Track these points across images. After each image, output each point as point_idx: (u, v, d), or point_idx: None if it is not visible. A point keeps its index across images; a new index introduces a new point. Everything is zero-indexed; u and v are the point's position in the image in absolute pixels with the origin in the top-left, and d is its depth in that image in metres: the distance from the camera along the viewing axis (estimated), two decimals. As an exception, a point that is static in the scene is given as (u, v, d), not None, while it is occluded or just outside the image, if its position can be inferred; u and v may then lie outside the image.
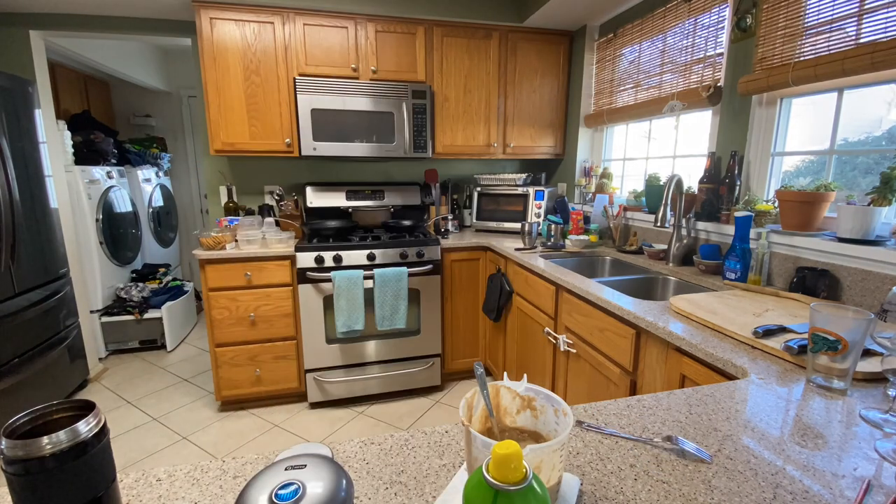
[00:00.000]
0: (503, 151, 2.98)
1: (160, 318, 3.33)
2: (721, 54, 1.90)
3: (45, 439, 0.41)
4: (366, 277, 2.47)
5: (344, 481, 0.47)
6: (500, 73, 2.86)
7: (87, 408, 0.46)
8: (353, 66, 2.61)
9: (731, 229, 1.71)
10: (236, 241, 2.46)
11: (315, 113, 2.51)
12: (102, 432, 0.46)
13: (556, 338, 1.87)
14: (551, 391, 2.05)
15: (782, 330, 1.10)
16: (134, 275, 3.64)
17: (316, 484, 0.45)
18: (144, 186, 3.90)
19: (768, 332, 1.07)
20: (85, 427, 0.44)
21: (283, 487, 0.45)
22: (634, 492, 0.57)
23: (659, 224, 1.84)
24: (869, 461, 0.64)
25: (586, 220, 2.71)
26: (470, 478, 0.39)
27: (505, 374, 0.65)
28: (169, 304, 3.38)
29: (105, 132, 3.54)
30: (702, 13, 1.99)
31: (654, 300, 1.49)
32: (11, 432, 0.43)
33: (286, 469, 0.48)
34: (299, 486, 0.45)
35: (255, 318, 2.43)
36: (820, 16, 1.49)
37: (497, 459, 0.35)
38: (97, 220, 3.18)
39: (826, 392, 0.85)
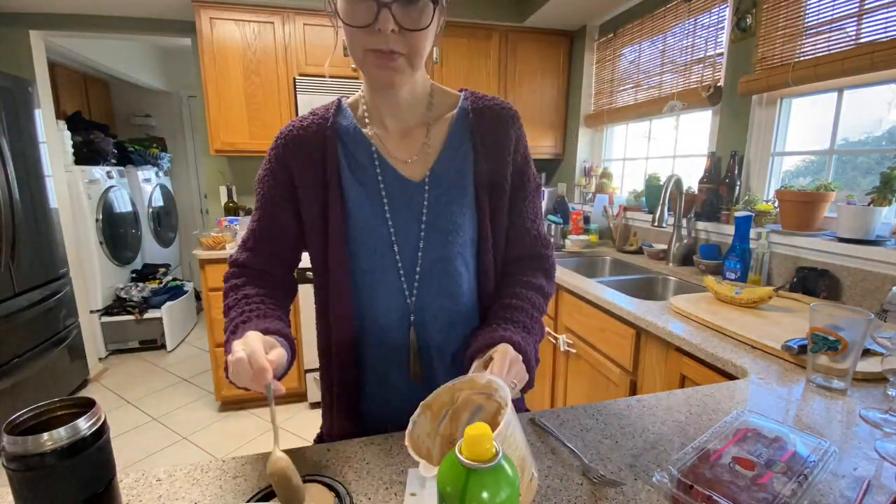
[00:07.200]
0: (503, 151, 2.97)
1: (160, 318, 3.33)
2: (721, 54, 1.89)
3: (46, 436, 0.41)
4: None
5: None
6: (500, 73, 2.86)
7: (88, 405, 0.46)
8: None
9: (731, 229, 1.71)
10: (236, 240, 2.46)
11: (315, 113, 2.51)
12: (102, 430, 0.46)
13: (555, 338, 1.87)
14: (550, 391, 2.02)
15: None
16: (134, 275, 3.64)
17: None
18: (144, 186, 3.90)
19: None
20: (85, 424, 0.44)
21: None
22: (635, 491, 0.57)
23: (656, 224, 1.84)
24: (869, 461, 0.64)
25: (586, 220, 2.71)
26: (444, 460, 0.40)
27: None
28: (169, 304, 3.38)
29: (102, 133, 3.53)
30: (702, 13, 1.99)
31: (654, 300, 1.49)
32: (13, 429, 0.43)
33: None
34: None
35: (255, 318, 2.43)
36: (820, 16, 1.49)
37: (468, 440, 0.37)
38: (97, 220, 3.18)
39: (826, 392, 0.85)
